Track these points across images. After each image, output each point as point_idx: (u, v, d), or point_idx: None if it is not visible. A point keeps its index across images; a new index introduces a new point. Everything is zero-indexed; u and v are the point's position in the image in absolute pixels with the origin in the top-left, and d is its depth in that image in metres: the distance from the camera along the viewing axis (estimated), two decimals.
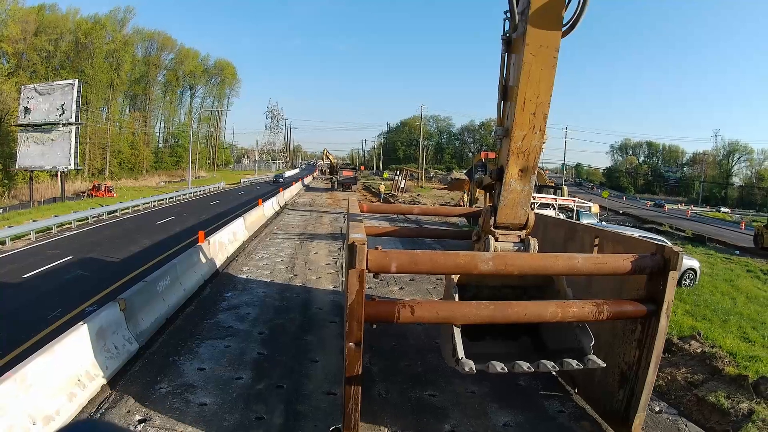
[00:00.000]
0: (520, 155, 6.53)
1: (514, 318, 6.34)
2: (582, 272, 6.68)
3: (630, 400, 6.90)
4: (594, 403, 7.86)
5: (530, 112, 6.33)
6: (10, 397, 6.12)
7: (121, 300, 9.41)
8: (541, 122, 6.42)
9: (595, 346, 6.91)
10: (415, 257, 6.22)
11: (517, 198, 6.79)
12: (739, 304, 15.97)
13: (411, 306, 6.16)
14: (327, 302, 13.07)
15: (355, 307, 5.91)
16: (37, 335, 11.94)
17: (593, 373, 7.49)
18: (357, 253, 5.84)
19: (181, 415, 7.17)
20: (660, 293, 6.52)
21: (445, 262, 6.31)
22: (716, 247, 33.44)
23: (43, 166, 52.27)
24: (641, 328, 6.80)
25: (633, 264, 6.45)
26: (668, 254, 6.45)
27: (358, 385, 6.13)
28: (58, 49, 78.21)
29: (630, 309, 6.63)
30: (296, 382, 8.40)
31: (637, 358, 6.82)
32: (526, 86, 6.19)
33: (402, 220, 28.57)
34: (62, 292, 16.02)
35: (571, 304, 6.47)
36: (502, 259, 6.30)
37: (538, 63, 6.17)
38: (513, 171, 6.61)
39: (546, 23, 6.08)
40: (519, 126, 6.36)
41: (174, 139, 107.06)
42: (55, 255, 21.84)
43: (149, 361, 8.96)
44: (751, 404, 8.28)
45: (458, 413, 7.60)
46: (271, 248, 20.54)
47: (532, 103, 6.30)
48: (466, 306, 6.36)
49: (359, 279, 5.88)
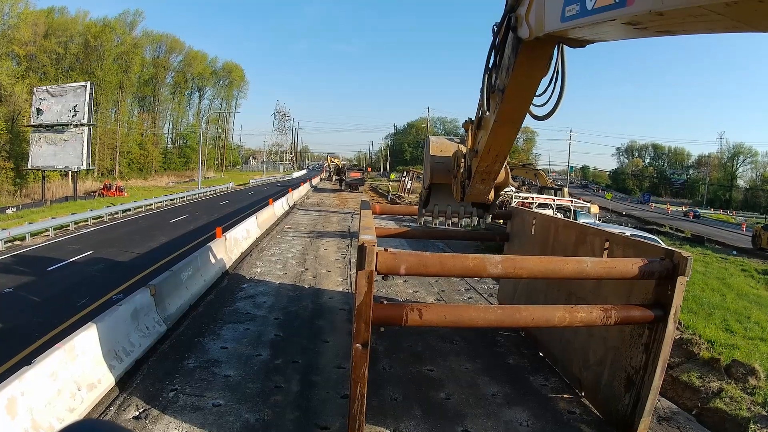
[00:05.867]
0: (483, 174, 7.46)
1: (522, 323, 6.87)
2: (591, 276, 6.71)
3: (636, 404, 6.95)
4: (600, 406, 7.89)
5: (494, 154, 7.16)
6: (60, 363, 6.92)
7: (152, 286, 10.39)
8: (503, 159, 7.28)
9: (603, 350, 7.71)
10: (423, 259, 6.29)
11: (479, 191, 7.83)
12: (728, 300, 15.95)
13: (419, 309, 6.18)
14: (336, 292, 14.03)
15: (363, 309, 5.90)
16: (69, 319, 12.83)
17: (600, 376, 7.81)
18: (366, 254, 5.84)
19: (209, 384, 8.08)
20: (668, 298, 6.54)
21: (454, 264, 6.35)
22: (714, 247, 33.42)
23: (55, 166, 53.19)
24: (648, 332, 6.82)
25: (642, 269, 6.44)
26: (677, 259, 6.47)
27: (364, 386, 6.10)
28: (68, 51, 78.58)
29: (637, 314, 6.65)
30: (310, 358, 9.35)
31: (644, 363, 6.85)
32: (492, 141, 6.87)
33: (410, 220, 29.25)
34: (88, 283, 16.87)
35: (578, 309, 6.55)
36: (511, 262, 6.43)
37: (503, 130, 6.78)
38: (477, 180, 7.57)
39: (516, 106, 6.30)
40: (484, 159, 7.20)
41: (182, 140, 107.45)
42: (75, 250, 22.60)
43: (177, 341, 9.91)
44: (721, 384, 8.83)
45: (453, 384, 8.53)
46: (282, 245, 21.45)
47: (495, 150, 7.10)
48: (474, 310, 6.82)
49: (368, 280, 5.87)
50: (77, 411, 6.88)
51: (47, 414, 6.34)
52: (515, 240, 11.92)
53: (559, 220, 10.63)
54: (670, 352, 6.96)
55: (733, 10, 2.66)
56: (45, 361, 6.64)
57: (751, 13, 2.68)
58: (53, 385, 6.67)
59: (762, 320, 13.43)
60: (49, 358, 6.74)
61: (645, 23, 3.47)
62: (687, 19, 3.08)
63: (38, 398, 6.30)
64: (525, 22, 5.17)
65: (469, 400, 7.99)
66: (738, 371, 9.25)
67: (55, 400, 6.59)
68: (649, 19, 3.32)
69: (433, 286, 14.80)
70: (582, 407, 8.02)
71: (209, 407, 7.37)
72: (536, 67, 5.58)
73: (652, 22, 3.37)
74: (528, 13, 5.11)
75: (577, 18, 4.05)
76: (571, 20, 4.18)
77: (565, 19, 4.30)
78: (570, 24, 4.25)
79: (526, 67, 5.59)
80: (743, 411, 8.03)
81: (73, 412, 6.80)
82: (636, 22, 3.47)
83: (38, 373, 6.43)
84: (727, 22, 2.85)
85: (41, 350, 7.42)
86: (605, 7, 3.60)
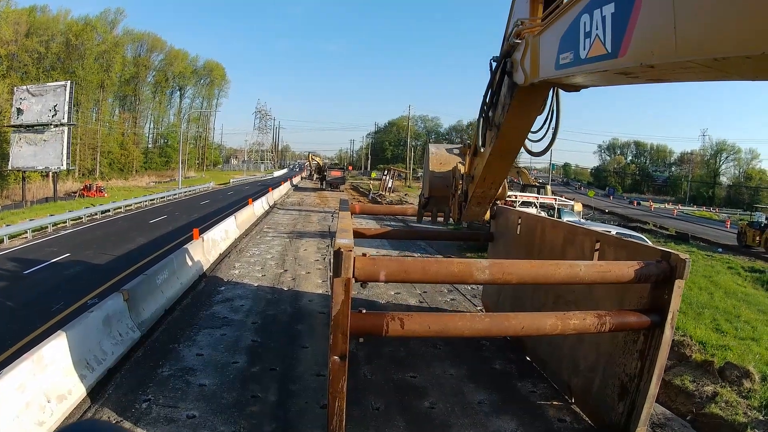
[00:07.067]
0: (479, 198, 7.86)
1: (511, 332, 6.56)
2: (584, 281, 6.37)
3: (631, 413, 6.64)
4: (592, 414, 7.56)
5: (490, 182, 7.46)
6: (29, 375, 6.58)
7: (125, 291, 9.97)
8: (498, 185, 7.65)
9: (594, 355, 7.46)
10: (405, 265, 5.97)
11: (475, 213, 8.30)
12: (716, 299, 15.87)
13: (401, 319, 5.80)
14: (316, 295, 13.68)
15: (341, 319, 5.48)
16: (43, 325, 12.48)
17: (591, 383, 7.49)
18: (343, 260, 5.41)
19: (183, 394, 7.71)
20: (665, 303, 6.24)
21: (438, 270, 6.08)
22: (699, 245, 33.46)
23: (35, 167, 52.49)
24: (644, 338, 6.53)
25: (638, 272, 6.11)
26: (675, 261, 6.17)
27: (342, 400, 5.75)
28: (49, 50, 77.71)
29: (633, 320, 6.33)
30: (288, 365, 9.00)
31: (639, 370, 6.53)
32: (487, 172, 7.13)
33: (392, 219, 29.06)
34: (64, 287, 16.53)
35: (571, 315, 6.22)
36: (500, 267, 6.10)
37: (497, 164, 7.08)
38: (473, 203, 7.98)
39: (512, 140, 6.53)
40: (479, 186, 7.53)
41: (163, 140, 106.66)
42: (53, 252, 22.23)
43: (151, 348, 9.53)
44: (715, 387, 8.62)
45: (437, 392, 8.21)
46: (261, 245, 21.10)
47: (490, 179, 7.39)
48: (459, 319, 6.35)
49: (345, 288, 5.45)
50: (47, 425, 6.55)
51: (15, 429, 6.04)
52: (500, 240, 11.61)
53: (546, 220, 10.35)
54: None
55: (721, 64, 2.82)
56: (12, 373, 6.31)
57: (738, 66, 2.83)
58: (21, 398, 6.35)
59: (752, 319, 13.37)
60: (16, 369, 6.41)
61: (636, 73, 3.67)
62: (677, 71, 3.27)
63: (5, 412, 6.01)
64: (521, 68, 5.44)
65: (454, 409, 7.67)
66: (732, 374, 9.06)
67: (23, 413, 6.28)
68: (641, 71, 3.51)
69: (415, 287, 14.46)
70: (572, 415, 7.75)
71: (183, 419, 7.03)
72: (531, 108, 5.92)
73: (644, 73, 3.57)
74: (523, 58, 5.44)
75: (570, 66, 4.27)
76: (565, 68, 4.41)
77: (559, 67, 4.52)
78: (564, 72, 4.48)
79: (522, 108, 5.86)
80: (739, 416, 7.81)
81: (42, 425, 6.48)
82: (628, 72, 3.67)
83: (5, 386, 6.12)
84: (716, 73, 3.04)
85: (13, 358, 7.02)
86: (598, 57, 3.80)
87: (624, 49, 3.46)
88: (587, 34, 3.93)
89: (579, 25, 4.06)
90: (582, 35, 4.01)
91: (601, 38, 3.72)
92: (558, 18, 4.57)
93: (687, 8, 2.89)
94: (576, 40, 4.13)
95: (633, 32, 3.36)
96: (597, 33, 3.78)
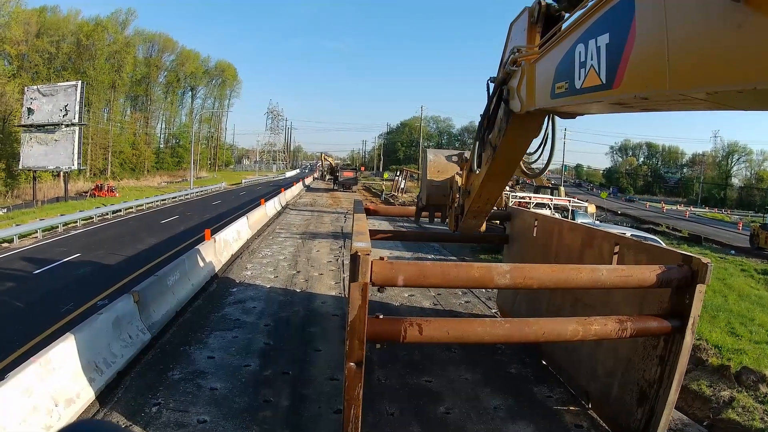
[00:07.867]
0: (475, 212, 8.03)
1: (532, 338, 6.20)
2: (606, 285, 6.17)
3: (650, 419, 6.49)
4: (609, 420, 7.44)
5: (485, 198, 7.62)
6: (36, 378, 6.51)
7: (135, 293, 9.88)
8: (494, 202, 7.85)
9: (613, 360, 7.34)
10: (424, 269, 5.83)
11: (471, 225, 8.52)
12: (730, 302, 15.56)
13: (419, 324, 5.59)
14: (329, 297, 13.55)
15: (357, 324, 5.30)
16: (51, 327, 12.38)
17: (610, 388, 7.39)
18: (360, 264, 5.24)
19: (194, 398, 7.62)
20: (686, 308, 6.07)
21: (457, 274, 5.89)
22: (712, 247, 33.11)
23: (46, 167, 52.87)
24: (664, 344, 6.36)
25: (659, 276, 5.96)
26: (696, 265, 6.01)
27: (358, 407, 5.55)
28: (60, 50, 78.33)
29: (654, 325, 6.15)
30: (301, 369, 8.89)
31: (659, 376, 6.38)
32: (483, 190, 7.31)
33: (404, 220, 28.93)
34: (73, 287, 16.50)
35: (592, 321, 6.05)
36: (521, 271, 5.90)
37: (493, 184, 7.27)
38: (469, 216, 8.14)
39: (508, 161, 6.63)
40: (475, 202, 7.69)
41: (175, 140, 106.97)
42: (63, 252, 22.26)
43: (161, 350, 9.44)
44: (732, 392, 8.47)
45: (452, 397, 8.08)
46: (273, 246, 21.01)
47: (486, 196, 7.56)
48: (479, 324, 6.07)
49: (362, 293, 5.27)
50: (54, 429, 6.43)
51: None
52: (515, 242, 11.47)
53: (564, 222, 10.21)
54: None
55: (714, 97, 2.84)
56: (18, 377, 6.25)
57: (731, 99, 2.86)
58: (28, 402, 6.26)
59: (766, 322, 13.11)
60: (22, 373, 6.34)
61: (630, 103, 3.72)
62: (670, 102, 3.33)
63: (11, 416, 5.93)
64: (517, 96, 5.45)
65: (470, 415, 7.54)
66: (749, 378, 8.91)
67: (30, 417, 6.19)
68: (635, 102, 3.55)
69: (429, 289, 14.28)
70: (589, 420, 7.61)
71: (194, 424, 6.94)
72: (528, 133, 6.02)
73: (638, 103, 3.61)
74: (519, 86, 5.37)
75: (566, 96, 4.28)
76: (561, 97, 4.42)
77: (554, 96, 4.54)
78: (559, 101, 4.51)
79: (518, 132, 5.97)
80: (756, 421, 7.70)
81: (49, 429, 6.37)
82: (622, 102, 3.72)
83: (11, 390, 6.05)
84: (710, 104, 3.08)
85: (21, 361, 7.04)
86: (593, 87, 3.81)
87: (618, 80, 3.46)
88: (582, 63, 3.94)
89: (574, 54, 4.06)
90: (577, 65, 4.01)
91: (596, 69, 3.73)
92: (554, 46, 4.55)
93: (679, 41, 2.87)
94: (571, 69, 4.13)
95: (627, 63, 3.36)
96: (592, 63, 3.79)
